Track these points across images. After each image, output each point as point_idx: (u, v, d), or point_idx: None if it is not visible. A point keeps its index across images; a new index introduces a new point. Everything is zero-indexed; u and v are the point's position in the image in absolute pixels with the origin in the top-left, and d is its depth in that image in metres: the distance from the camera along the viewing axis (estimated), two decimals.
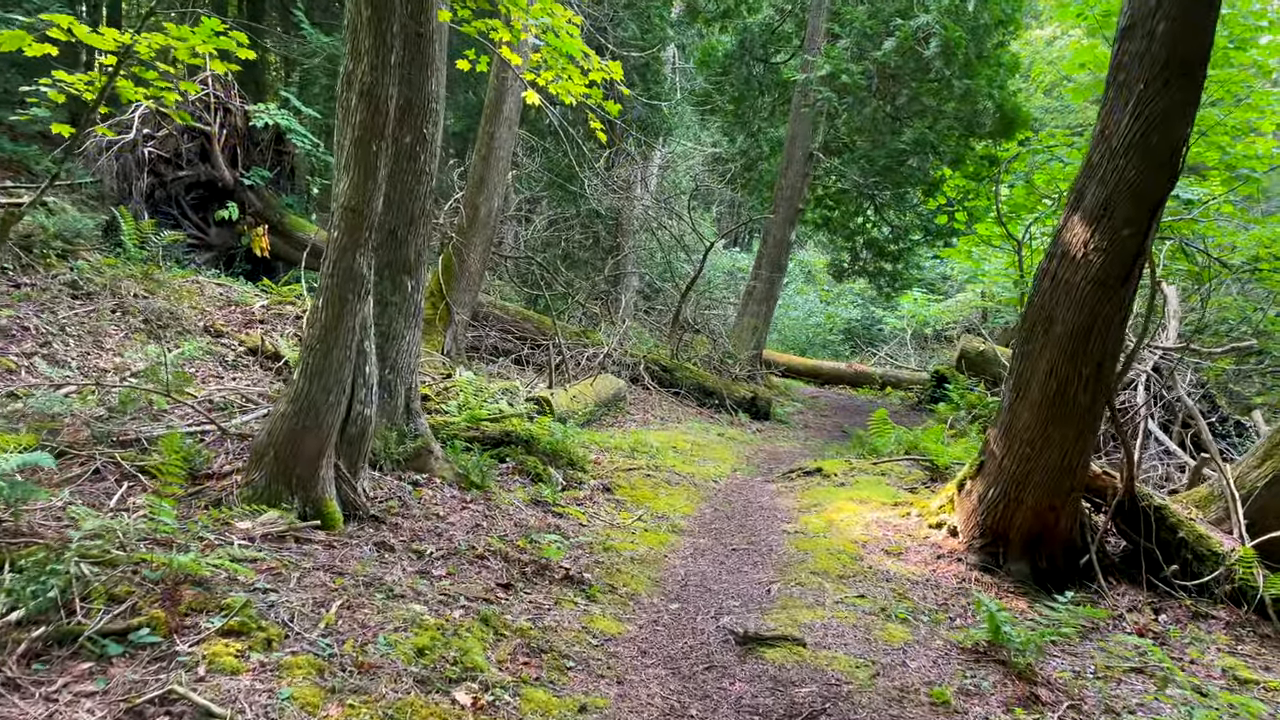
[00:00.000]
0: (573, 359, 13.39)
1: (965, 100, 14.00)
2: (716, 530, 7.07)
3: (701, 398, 14.54)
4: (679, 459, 9.83)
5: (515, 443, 7.95)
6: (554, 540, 5.58)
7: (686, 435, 11.40)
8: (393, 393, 6.50)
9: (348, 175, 5.22)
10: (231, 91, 15.48)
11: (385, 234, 6.51)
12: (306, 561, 4.60)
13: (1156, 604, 6.22)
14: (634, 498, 7.72)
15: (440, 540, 5.43)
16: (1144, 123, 5.23)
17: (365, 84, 5.14)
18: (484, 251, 13.37)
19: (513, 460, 7.72)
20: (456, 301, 13.08)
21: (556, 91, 8.47)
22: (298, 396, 5.19)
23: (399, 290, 6.53)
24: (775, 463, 10.61)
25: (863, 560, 6.31)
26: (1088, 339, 5.55)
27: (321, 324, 5.22)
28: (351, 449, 5.67)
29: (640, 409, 13.09)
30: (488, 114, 13.16)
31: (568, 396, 11.03)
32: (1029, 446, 5.90)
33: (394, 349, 6.50)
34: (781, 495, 8.34)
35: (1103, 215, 5.39)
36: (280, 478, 5.17)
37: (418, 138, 6.54)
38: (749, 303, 17.72)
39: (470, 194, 13.24)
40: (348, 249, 5.22)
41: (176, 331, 10.10)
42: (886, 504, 7.50)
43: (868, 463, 9.05)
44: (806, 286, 28.72)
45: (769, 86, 19.64)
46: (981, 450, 6.51)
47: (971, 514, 6.38)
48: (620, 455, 9.29)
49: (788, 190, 17.36)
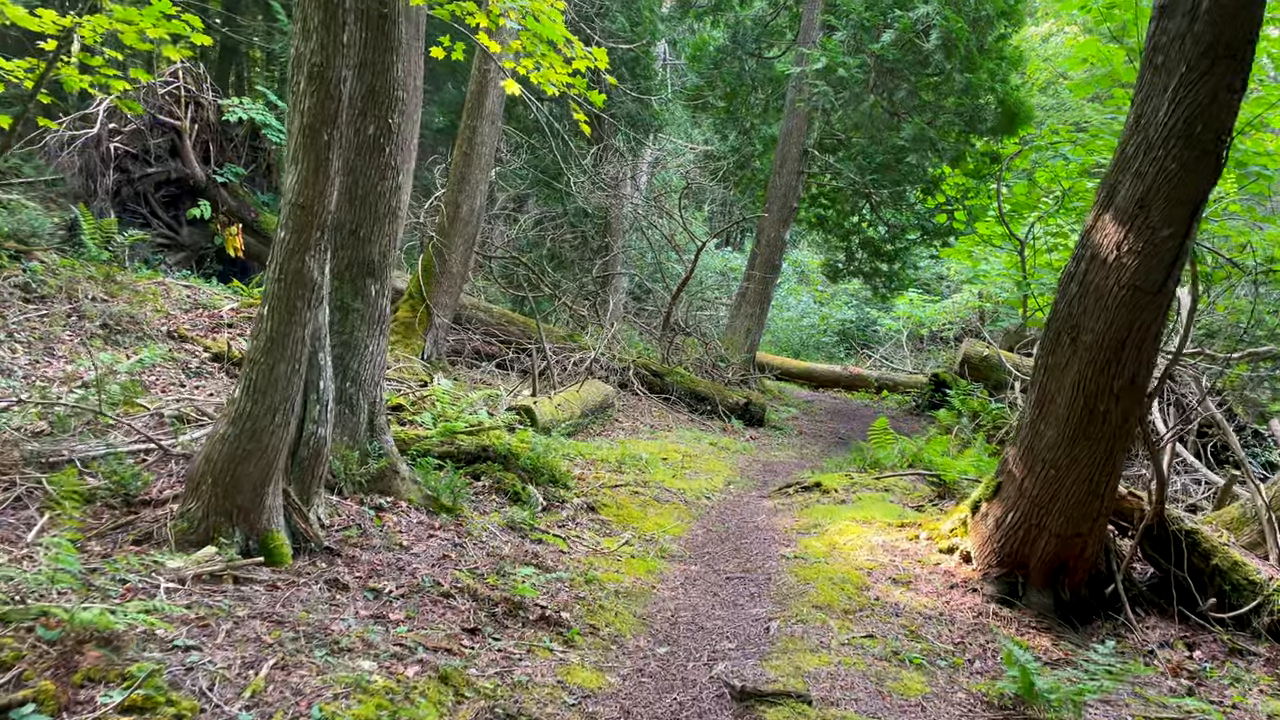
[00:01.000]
0: (559, 364, 12.82)
1: (966, 95, 13.47)
2: (709, 555, 6.52)
3: (693, 403, 13.98)
4: (669, 472, 9.27)
5: (493, 459, 7.38)
6: (529, 575, 5.02)
7: (677, 445, 10.84)
8: (354, 408, 5.93)
9: (296, 168, 4.65)
10: (204, 85, 14.87)
11: (346, 233, 5.94)
12: (242, 608, 4.02)
13: (1189, 638, 5.69)
14: (620, 518, 7.16)
15: (401, 576, 4.86)
16: (1186, 109, 4.69)
17: (314, 65, 4.57)
18: (466, 252, 12.79)
19: (489, 478, 7.15)
20: (437, 304, 12.51)
21: (538, 81, 7.90)
22: (239, 416, 4.62)
23: (361, 295, 5.96)
24: (771, 475, 10.06)
25: (869, 591, 5.76)
26: (1120, 350, 5.01)
27: (266, 335, 4.65)
28: (304, 473, 5.10)
29: (629, 416, 12.53)
30: (469, 108, 12.58)
31: (552, 405, 10.47)
32: (1053, 468, 5.36)
33: (356, 360, 5.93)
34: (779, 513, 7.78)
35: (1138, 213, 4.85)
36: (219, 508, 4.60)
37: (382, 128, 5.97)
38: (742, 304, 17.17)
39: (451, 192, 12.66)
40: (296, 250, 4.65)
41: (136, 337, 9.52)
42: (892, 525, 6.95)
43: (869, 477, 8.51)
44: (800, 287, 28.19)
45: (762, 82, 19.09)
46: (998, 470, 5.96)
47: (987, 540, 5.84)
48: (606, 469, 8.73)
49: (781, 188, 16.82)
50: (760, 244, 17.34)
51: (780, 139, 17.01)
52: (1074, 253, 5.34)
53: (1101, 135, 13.91)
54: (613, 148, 14.81)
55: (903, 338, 23.31)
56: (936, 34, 13.03)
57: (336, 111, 4.67)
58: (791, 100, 16.50)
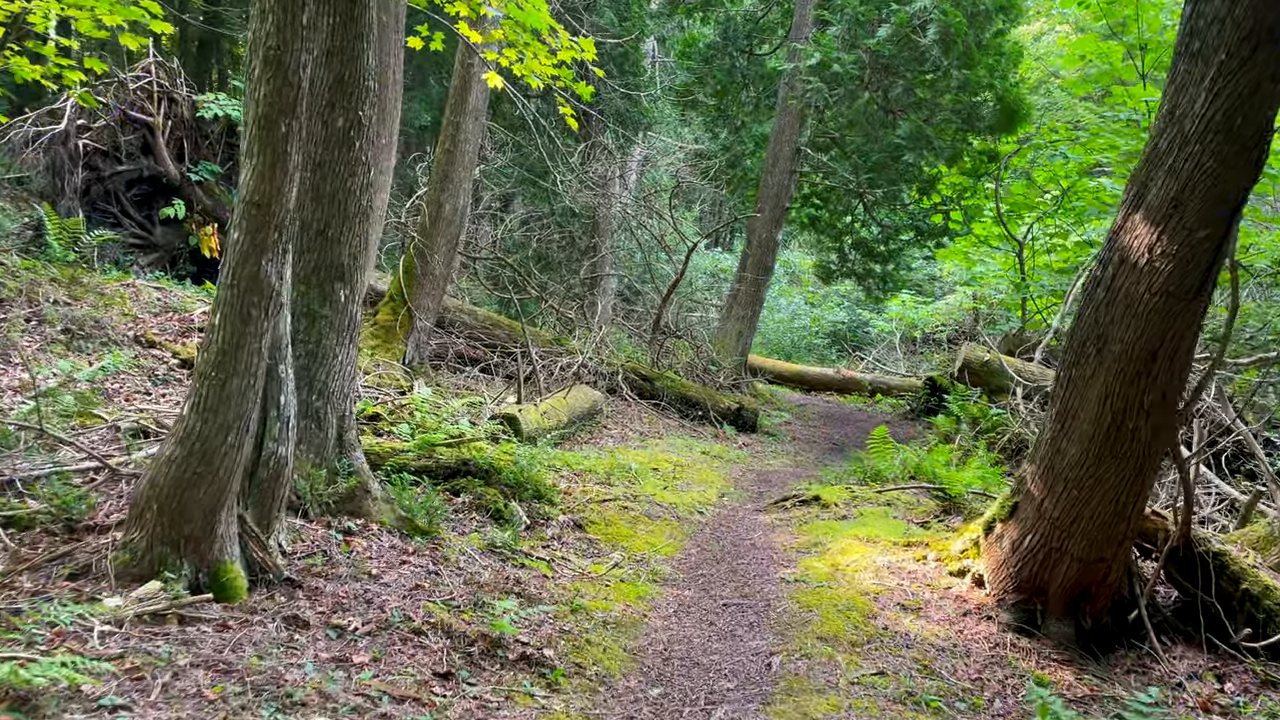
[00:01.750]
0: (545, 369, 12.39)
1: (964, 92, 13.10)
2: (704, 578, 6.10)
3: (684, 409, 13.57)
4: (660, 483, 8.86)
5: (474, 473, 6.95)
6: (509, 609, 4.59)
7: (668, 454, 10.43)
8: (321, 423, 5.49)
9: (250, 162, 4.22)
10: (177, 80, 14.40)
11: (313, 234, 5.51)
12: (185, 655, 3.59)
13: (1219, 669, 5.30)
14: (609, 536, 6.74)
15: (369, 610, 4.43)
16: (1225, 101, 4.29)
17: (270, 49, 4.14)
18: (449, 252, 12.35)
19: (470, 494, 6.72)
20: (419, 306, 12.07)
21: (521, 73, 7.49)
22: (187, 436, 4.18)
23: (329, 301, 5.52)
24: (766, 486, 9.66)
25: (877, 619, 5.35)
26: (1151, 362, 4.61)
27: (218, 346, 4.21)
28: (263, 496, 4.67)
29: (618, 423, 12.11)
30: (452, 104, 12.15)
31: (538, 412, 10.04)
32: (1076, 488, 4.97)
33: (323, 371, 5.49)
34: (776, 530, 7.38)
35: (1172, 213, 4.46)
36: (165, 539, 4.16)
37: (352, 120, 5.54)
38: (733, 307, 16.77)
39: (434, 190, 12.22)
40: (251, 253, 4.21)
41: (100, 343, 9.06)
42: (898, 544, 6.55)
43: (870, 490, 8.11)
44: (791, 288, 27.80)
45: (753, 80, 18.69)
46: (1014, 489, 5.57)
47: (1003, 564, 5.44)
48: (594, 481, 8.31)
49: (773, 188, 16.42)
50: (752, 245, 16.95)
51: (772, 137, 16.61)
52: (1099, 256, 4.95)
53: (1101, 134, 13.56)
54: (601, 145, 14.38)
55: (895, 340, 22.95)
56: (934, 29, 12.66)
57: (295, 100, 4.24)
58: (784, 98, 16.11)
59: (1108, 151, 13.12)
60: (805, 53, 13.73)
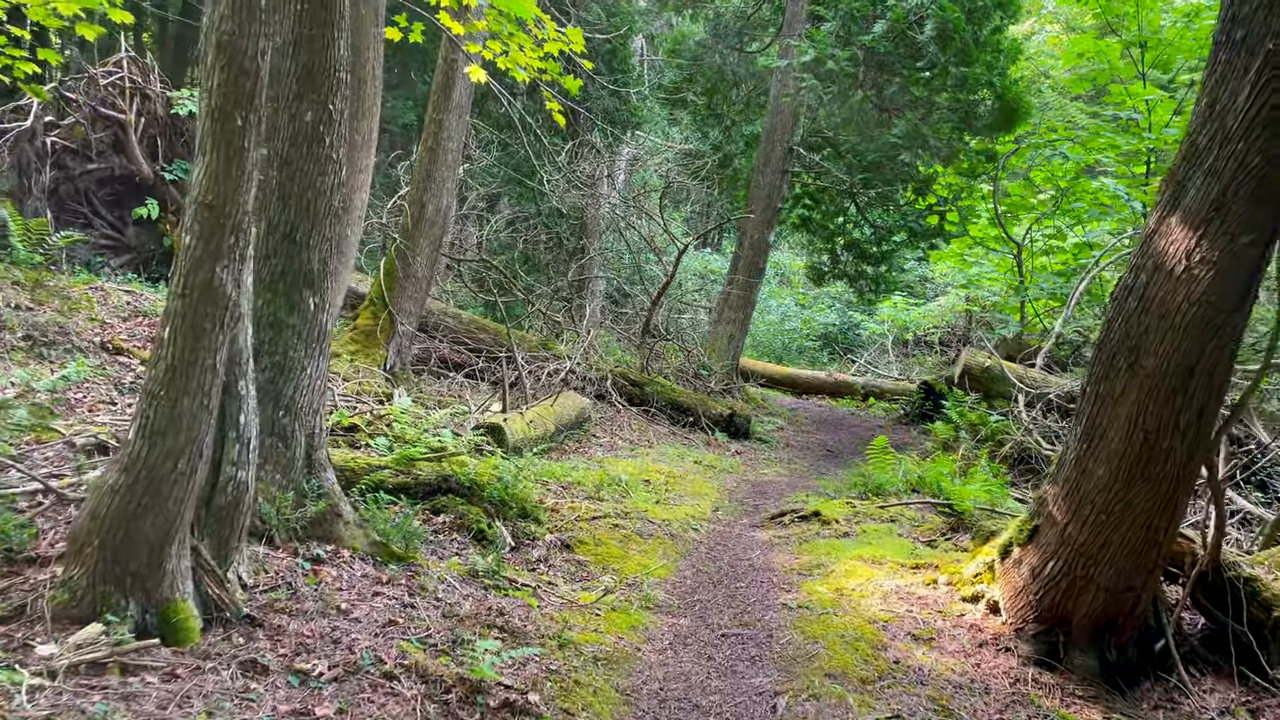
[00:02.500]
0: (531, 375, 11.99)
1: (961, 89, 12.76)
2: (701, 605, 5.72)
3: (675, 415, 13.19)
4: (651, 497, 8.48)
5: (455, 490, 6.55)
6: (490, 649, 4.20)
7: (659, 464, 10.05)
8: (288, 441, 5.08)
9: (203, 160, 3.81)
10: (150, 75, 13.95)
11: (279, 238, 5.09)
12: (124, 712, 3.19)
13: (1252, 703, 4.96)
14: (599, 557, 6.35)
15: (336, 650, 4.03)
16: (1273, 94, 3.94)
17: (224, 34, 3.74)
18: (432, 254, 11.94)
19: (451, 513, 6.32)
20: (401, 310, 11.65)
21: (506, 67, 7.08)
22: (133, 463, 3.77)
23: (297, 309, 5.11)
24: (761, 498, 9.28)
25: (887, 650, 4.98)
26: (1189, 378, 4.26)
27: (167, 363, 3.80)
28: (221, 525, 4.26)
29: (607, 430, 11.72)
30: (435, 100, 11.74)
31: (524, 421, 9.64)
32: (1104, 512, 4.60)
33: (290, 385, 5.08)
34: (775, 548, 7.00)
35: (1213, 216, 4.10)
36: (108, 576, 3.75)
37: (322, 115, 5.13)
38: (724, 309, 16.40)
39: (416, 190, 11.80)
40: (204, 260, 3.81)
41: (64, 349, 8.63)
42: (904, 565, 6.18)
43: (872, 505, 7.74)
44: (781, 289, 27.45)
45: (744, 78, 18.35)
46: (1033, 511, 5.20)
47: (1021, 591, 5.08)
48: (583, 496, 7.92)
49: (765, 188, 16.06)
50: (743, 246, 16.59)
51: (763, 136, 16.26)
52: (1131, 262, 4.58)
53: (1101, 133, 13.24)
54: (589, 144, 13.97)
55: (888, 342, 22.62)
56: (931, 25, 12.31)
57: (253, 91, 3.84)
58: (776, 95, 15.75)
59: (1107, 151, 12.82)
60: (799, 49, 13.37)
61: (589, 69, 7.45)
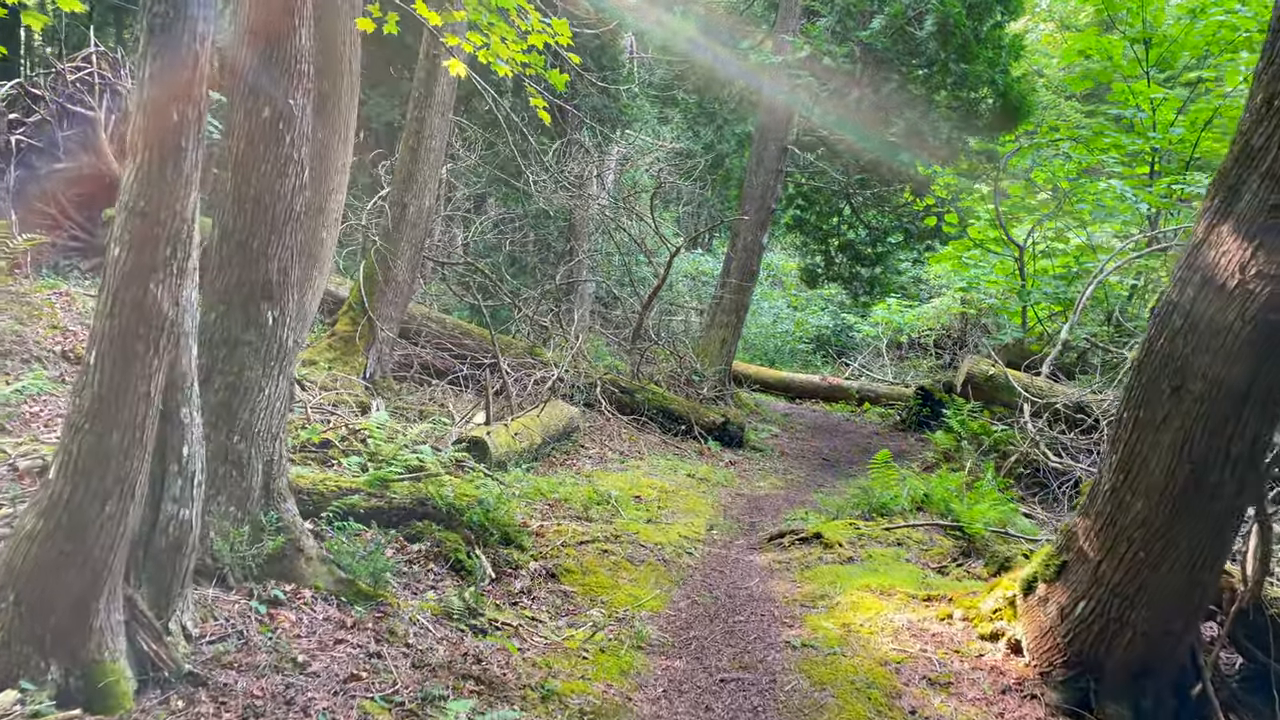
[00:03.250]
0: (517, 383, 11.52)
1: (962, 87, 12.35)
2: (697, 643, 5.27)
3: (666, 423, 12.75)
4: (642, 515, 8.03)
5: (432, 515, 6.09)
6: (463, 710, 3.74)
7: (651, 477, 9.60)
8: (244, 469, 4.61)
9: (134, 161, 3.35)
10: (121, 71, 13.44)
11: (233, 245, 4.63)
12: None
13: None
14: (586, 587, 5.90)
15: (290, 713, 3.57)
16: None
17: (158, 16, 3.27)
18: (414, 257, 11.47)
19: (428, 540, 5.86)
20: (381, 315, 11.18)
21: (487, 60, 6.63)
22: (53, 506, 3.31)
23: (254, 324, 4.64)
24: (758, 514, 8.85)
25: (902, 699, 4.55)
26: (1242, 404, 3.83)
27: (94, 391, 3.34)
28: (161, 570, 3.80)
29: (596, 440, 11.27)
30: (416, 98, 11.27)
31: (508, 434, 9.18)
32: (1143, 549, 4.18)
33: (246, 407, 4.61)
34: (775, 575, 6.55)
35: (1273, 225, 3.67)
36: (26, 635, 3.29)
37: (281, 111, 4.66)
38: (717, 313, 15.96)
39: (397, 191, 11.33)
40: (135, 275, 3.35)
41: (22, 359, 8.16)
42: (915, 596, 5.75)
43: (877, 526, 7.30)
44: (773, 291, 27.00)
45: (736, 76, 17.90)
46: (1060, 544, 4.77)
47: (1048, 632, 4.65)
48: (570, 516, 7.47)
49: (758, 189, 15.62)
50: (736, 248, 16.15)
51: (756, 136, 15.83)
52: (1174, 274, 4.16)
53: (1105, 132, 12.85)
54: (577, 143, 13.49)
55: (882, 345, 22.21)
56: (931, 20, 11.90)
57: (193, 81, 3.38)
58: (770, 93, 15.31)
59: (1112, 151, 12.41)
60: (795, 45, 12.94)
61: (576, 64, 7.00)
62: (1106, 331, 11.39)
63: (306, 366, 10.47)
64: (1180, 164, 12.67)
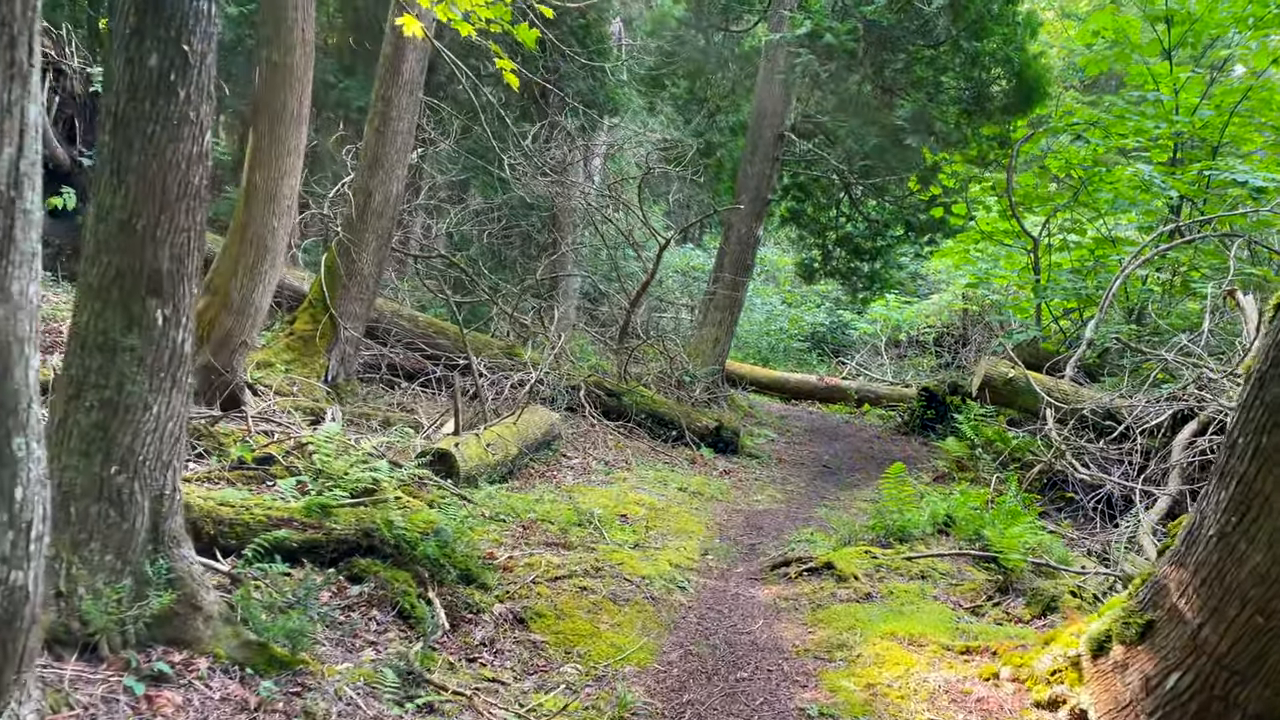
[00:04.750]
0: (493, 386, 10.59)
1: (973, 67, 11.46)
2: (693, 710, 4.35)
3: (655, 428, 11.83)
4: (629, 536, 7.12)
5: (379, 550, 5.17)
6: None
7: (638, 492, 8.69)
8: (124, 509, 3.67)
9: None
10: (66, 49, 12.48)
11: (112, 226, 3.68)
12: None
13: None
14: (561, 636, 4.98)
15: None
16: None
17: None
18: (380, 249, 10.52)
19: (372, 582, 4.94)
20: (344, 313, 10.24)
21: (447, 17, 5.70)
22: None
23: (137, 325, 3.70)
24: (758, 534, 7.95)
25: None
26: None
27: None
28: None
29: (579, 449, 10.36)
30: (382, 75, 10.32)
31: (480, 445, 8.26)
32: (1262, 613, 3.28)
33: (127, 431, 3.67)
34: (782, 616, 5.64)
35: None
36: None
37: (173, 59, 3.71)
38: (709, 310, 15.05)
39: (361, 177, 10.38)
40: None
41: None
42: (951, 648, 4.85)
43: (896, 555, 6.39)
44: (766, 287, 26.08)
45: (729, 60, 17.00)
46: (1144, 597, 3.87)
47: (1128, 707, 3.74)
48: (545, 542, 6.55)
49: (753, 178, 14.73)
50: (729, 241, 15.25)
51: (752, 122, 14.93)
52: None
53: (1126, 116, 11.98)
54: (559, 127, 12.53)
55: (880, 343, 21.32)
56: None
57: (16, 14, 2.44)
58: (766, 77, 14.41)
59: (1136, 136, 11.54)
60: (794, 21, 12.03)
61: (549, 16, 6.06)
62: (1133, 330, 10.52)
63: (262, 369, 9.53)
64: (1207, 149, 11.80)
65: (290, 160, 8.60)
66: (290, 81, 8.33)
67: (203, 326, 8.36)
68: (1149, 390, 9.16)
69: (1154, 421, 8.61)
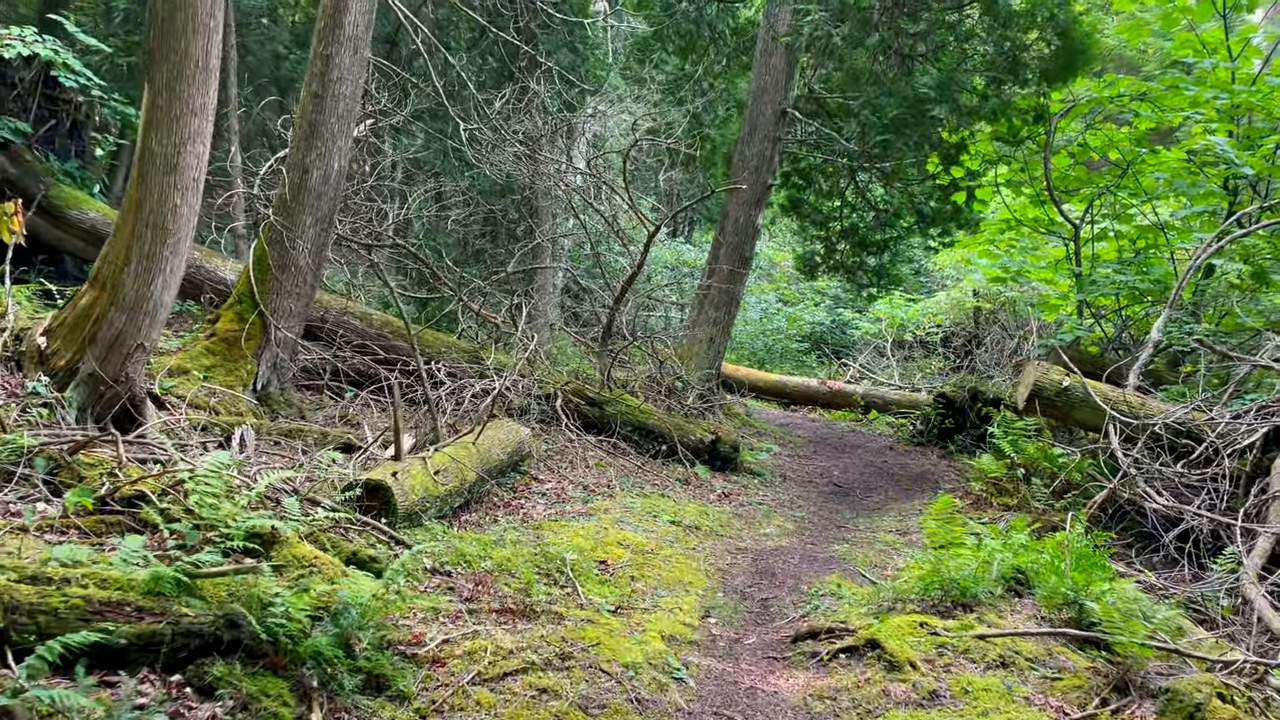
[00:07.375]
0: (453, 396, 9.03)
1: (1008, 27, 9.94)
2: None
3: (643, 442, 10.28)
4: (609, 596, 5.57)
5: (247, 645, 3.60)
6: None
7: (622, 527, 7.13)
8: None
9: None
10: None
11: None
12: None
13: None
14: None
15: None
16: None
17: None
18: (320, 236, 8.94)
19: (229, 696, 3.38)
20: (276, 310, 8.66)
21: None
22: None
23: None
24: (770, 584, 6.40)
25: None
26: None
27: None
28: None
29: (553, 470, 8.82)
30: (321, 30, 8.74)
31: (428, 471, 6.70)
32: None
33: None
34: None
35: None
36: None
37: None
38: (703, 307, 13.49)
39: (296, 151, 8.79)
40: None
41: None
42: None
43: (962, 629, 4.83)
44: (761, 284, 24.54)
45: (724, 33, 15.44)
46: None
47: None
48: (498, 609, 4.98)
49: (752, 159, 13.18)
50: (725, 231, 13.68)
51: (751, 98, 13.38)
52: None
53: (1181, 86, 10.47)
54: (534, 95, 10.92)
55: (885, 344, 19.81)
56: None
57: None
58: (766, 46, 12.88)
59: (1199, 107, 10.05)
60: None
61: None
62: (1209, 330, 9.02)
63: (174, 377, 7.94)
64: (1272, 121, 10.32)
65: (196, 122, 6.97)
66: (190, 25, 6.74)
67: (87, 326, 6.81)
68: (1231, 402, 7.67)
69: (1245, 441, 7.13)
